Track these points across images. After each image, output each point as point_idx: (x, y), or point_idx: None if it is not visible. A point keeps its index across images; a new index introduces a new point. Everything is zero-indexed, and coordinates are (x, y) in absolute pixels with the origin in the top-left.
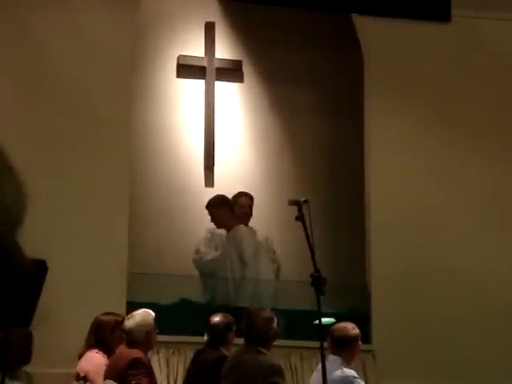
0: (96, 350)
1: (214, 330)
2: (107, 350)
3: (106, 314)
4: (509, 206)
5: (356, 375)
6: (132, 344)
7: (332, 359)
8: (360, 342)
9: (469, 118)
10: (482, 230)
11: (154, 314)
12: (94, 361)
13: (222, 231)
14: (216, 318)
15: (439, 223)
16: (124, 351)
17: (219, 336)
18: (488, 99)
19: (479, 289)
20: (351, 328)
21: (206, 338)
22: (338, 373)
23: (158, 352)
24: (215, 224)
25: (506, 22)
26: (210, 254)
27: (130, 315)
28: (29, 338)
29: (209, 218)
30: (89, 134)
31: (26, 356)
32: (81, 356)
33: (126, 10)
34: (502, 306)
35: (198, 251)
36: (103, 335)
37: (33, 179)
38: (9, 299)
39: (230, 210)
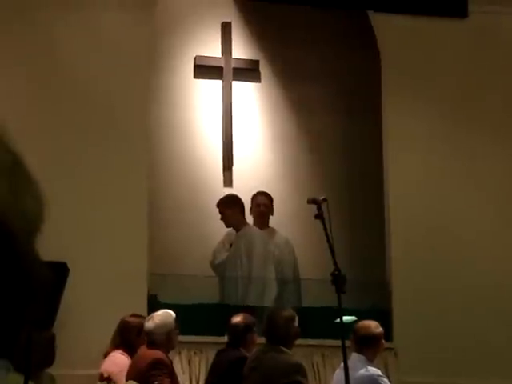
0: (120, 352)
1: (233, 330)
2: (131, 352)
3: (134, 316)
4: None
5: (381, 373)
6: (153, 345)
7: (355, 357)
8: (383, 341)
9: (487, 114)
10: (502, 223)
11: (174, 314)
12: (117, 361)
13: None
14: (236, 319)
15: (459, 219)
16: (145, 352)
17: (239, 337)
18: (507, 95)
19: (502, 284)
20: (375, 326)
21: (226, 338)
22: (363, 371)
23: (179, 352)
24: (224, 222)
25: None
26: (220, 257)
27: (149, 316)
28: (52, 340)
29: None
30: (107, 136)
31: (48, 358)
32: (106, 355)
33: (144, 12)
34: None
35: (213, 254)
36: (129, 337)
37: (52, 182)
38: (28, 306)
39: (240, 211)
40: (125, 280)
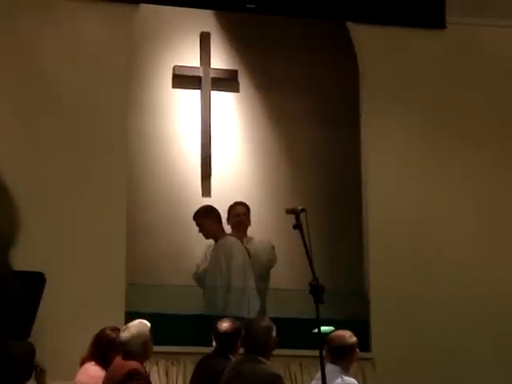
0: (93, 363)
1: (223, 337)
2: (104, 364)
3: (113, 329)
4: (505, 207)
5: (356, 383)
6: (128, 355)
7: (330, 368)
8: (357, 350)
9: (464, 123)
10: (484, 233)
11: (149, 324)
12: (90, 373)
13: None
14: (225, 325)
15: (438, 230)
16: (121, 363)
17: (229, 343)
18: (483, 104)
19: (482, 294)
20: (348, 336)
21: (214, 345)
22: (339, 381)
23: (157, 363)
24: (203, 234)
25: (500, 28)
26: (202, 267)
27: (125, 326)
28: (31, 354)
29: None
30: (86, 146)
31: (26, 373)
32: (82, 363)
33: (123, 22)
34: (507, 310)
35: (196, 266)
36: (101, 349)
37: (31, 193)
38: (3, 319)
39: (217, 221)
40: (102, 290)
